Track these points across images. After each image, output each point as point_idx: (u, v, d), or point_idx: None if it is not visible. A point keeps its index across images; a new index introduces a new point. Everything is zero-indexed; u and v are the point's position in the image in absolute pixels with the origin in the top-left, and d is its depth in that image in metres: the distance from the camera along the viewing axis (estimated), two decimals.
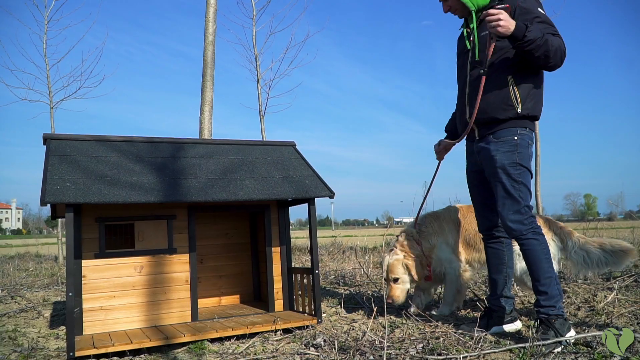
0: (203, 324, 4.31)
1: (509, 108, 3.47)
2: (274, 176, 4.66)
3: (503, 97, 3.47)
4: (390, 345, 3.50)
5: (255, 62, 13.34)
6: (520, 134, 3.50)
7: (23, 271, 11.35)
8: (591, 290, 5.34)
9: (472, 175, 3.94)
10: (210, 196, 4.13)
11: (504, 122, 3.51)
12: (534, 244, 3.48)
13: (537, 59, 3.33)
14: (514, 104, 3.46)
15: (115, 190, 3.88)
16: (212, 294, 5.59)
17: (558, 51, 3.32)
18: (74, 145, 4.36)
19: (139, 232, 4.45)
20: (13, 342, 4.31)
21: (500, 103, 3.48)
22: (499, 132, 3.53)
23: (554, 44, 3.29)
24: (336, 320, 4.68)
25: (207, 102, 8.21)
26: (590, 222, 12.32)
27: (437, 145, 4.33)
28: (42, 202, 3.54)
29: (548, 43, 3.25)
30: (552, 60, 3.33)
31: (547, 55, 3.29)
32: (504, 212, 3.53)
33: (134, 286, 4.37)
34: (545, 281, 3.46)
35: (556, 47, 3.30)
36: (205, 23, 8.42)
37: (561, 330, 3.33)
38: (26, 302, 6.66)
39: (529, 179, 3.54)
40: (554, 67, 3.40)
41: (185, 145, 4.84)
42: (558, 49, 3.31)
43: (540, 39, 3.22)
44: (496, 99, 3.48)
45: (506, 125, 3.51)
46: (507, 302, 3.90)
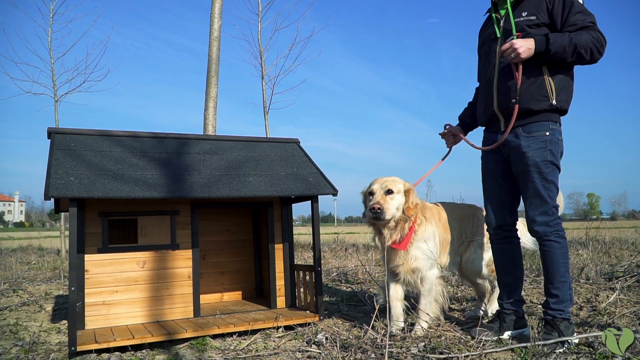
0: (205, 320, 4.32)
1: (544, 99, 3.36)
2: (278, 173, 4.66)
3: (538, 87, 3.36)
4: (391, 343, 3.50)
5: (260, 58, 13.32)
6: (551, 129, 3.40)
7: (25, 264, 11.38)
8: (593, 290, 5.33)
9: (493, 166, 3.73)
10: (214, 192, 4.13)
11: (536, 114, 3.40)
12: (555, 247, 3.41)
13: (571, 62, 3.33)
14: (548, 94, 3.36)
15: (119, 185, 3.88)
16: (214, 290, 5.60)
17: (593, 49, 3.27)
18: (79, 139, 4.36)
19: (142, 227, 4.45)
20: (14, 335, 4.32)
21: (534, 93, 3.36)
22: (529, 125, 3.41)
23: (585, 44, 3.23)
24: (338, 317, 4.68)
25: (212, 97, 8.21)
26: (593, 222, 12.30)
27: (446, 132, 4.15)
28: (45, 196, 3.55)
29: (579, 47, 3.22)
30: (586, 58, 3.29)
31: (581, 57, 3.27)
32: (531, 212, 3.44)
33: (136, 281, 4.37)
34: (559, 284, 3.42)
35: (589, 45, 3.24)
36: (210, 19, 8.42)
37: (565, 333, 3.32)
38: (28, 295, 6.67)
39: (558, 177, 3.46)
40: (592, 62, 3.35)
41: (189, 141, 4.84)
42: (592, 47, 3.26)
43: (568, 46, 3.21)
44: (530, 88, 3.37)
45: (538, 118, 3.40)
46: (520, 305, 3.76)
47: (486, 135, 3.81)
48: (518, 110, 3.39)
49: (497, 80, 3.53)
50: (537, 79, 3.37)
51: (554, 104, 3.37)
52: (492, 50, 3.61)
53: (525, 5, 3.44)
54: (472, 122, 4.08)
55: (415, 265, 3.94)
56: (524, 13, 3.41)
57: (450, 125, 4.17)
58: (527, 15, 3.39)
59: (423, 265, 3.93)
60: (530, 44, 3.25)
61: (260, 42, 13.40)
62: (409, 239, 3.89)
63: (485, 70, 3.69)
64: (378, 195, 3.84)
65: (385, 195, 3.83)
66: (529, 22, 3.38)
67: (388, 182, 3.88)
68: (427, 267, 3.95)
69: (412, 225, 3.90)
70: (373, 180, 3.97)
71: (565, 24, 3.32)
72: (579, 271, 6.34)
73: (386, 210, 3.77)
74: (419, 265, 3.93)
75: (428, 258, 3.95)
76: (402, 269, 3.97)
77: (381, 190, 3.85)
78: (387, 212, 3.77)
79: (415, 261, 3.94)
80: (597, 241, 10.57)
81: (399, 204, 3.85)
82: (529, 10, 3.40)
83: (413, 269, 3.95)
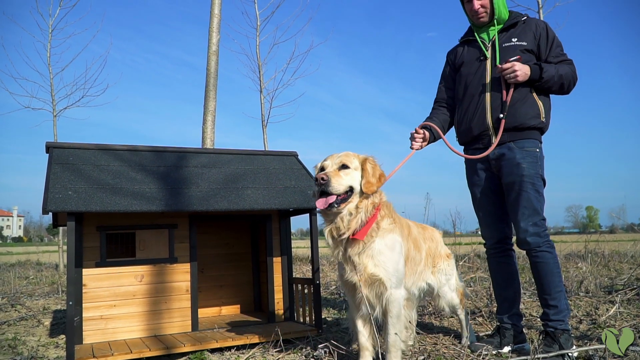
0: (203, 334, 4.30)
1: (536, 116, 3.54)
2: (276, 186, 4.66)
3: (530, 105, 3.54)
4: None
5: (259, 72, 13.41)
6: (539, 147, 3.58)
7: (24, 279, 11.34)
8: (593, 304, 5.32)
9: (484, 182, 3.76)
10: (212, 206, 4.13)
11: (529, 130, 3.54)
12: (548, 257, 3.46)
13: (552, 91, 3.63)
14: (540, 113, 3.55)
15: (117, 199, 3.88)
16: (212, 303, 5.58)
17: (571, 82, 3.59)
18: (77, 153, 4.37)
19: (140, 241, 4.45)
20: (13, 350, 4.30)
21: (528, 110, 3.53)
22: (522, 141, 3.54)
23: (568, 77, 3.55)
24: (337, 331, 4.66)
25: (210, 111, 8.24)
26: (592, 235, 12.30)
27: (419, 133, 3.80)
28: (44, 211, 3.55)
29: (562, 78, 3.53)
30: (565, 89, 3.60)
31: (562, 87, 3.57)
32: (523, 222, 3.48)
33: (134, 295, 4.36)
34: (556, 295, 3.45)
35: (570, 79, 3.57)
36: (209, 33, 8.47)
37: (565, 346, 3.33)
38: (26, 310, 6.64)
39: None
40: (567, 93, 3.64)
41: (187, 155, 4.85)
42: (571, 80, 3.59)
43: (555, 76, 3.50)
44: (524, 106, 3.53)
45: (529, 135, 3.55)
46: (519, 319, 3.77)
47: (472, 153, 3.79)
48: (511, 125, 3.53)
49: (491, 96, 3.62)
50: (528, 98, 3.56)
51: (543, 122, 3.56)
52: (482, 68, 3.70)
53: (514, 32, 3.66)
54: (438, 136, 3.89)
55: (375, 272, 3.15)
56: (514, 39, 3.63)
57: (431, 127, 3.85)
58: (518, 41, 3.62)
59: (387, 277, 3.16)
60: (527, 70, 3.47)
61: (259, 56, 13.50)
62: (368, 227, 3.15)
63: (473, 88, 3.74)
64: (329, 169, 3.18)
65: (339, 170, 3.16)
66: (521, 47, 3.60)
67: (342, 156, 3.23)
68: (393, 282, 3.18)
69: (375, 213, 3.19)
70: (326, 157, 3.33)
71: (549, 54, 3.60)
72: (579, 284, 6.33)
73: (334, 183, 3.05)
74: (381, 274, 3.15)
75: (395, 271, 3.20)
76: (357, 277, 3.18)
77: (334, 165, 3.19)
78: (337, 185, 3.06)
79: (375, 266, 3.16)
80: (596, 254, 10.57)
81: (355, 182, 3.16)
82: (518, 37, 3.64)
83: (372, 276, 3.15)
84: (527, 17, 3.71)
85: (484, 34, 3.77)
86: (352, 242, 3.16)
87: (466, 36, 3.92)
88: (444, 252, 3.98)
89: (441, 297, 3.92)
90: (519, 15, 3.72)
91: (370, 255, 3.16)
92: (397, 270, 3.21)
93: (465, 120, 3.77)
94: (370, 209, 3.16)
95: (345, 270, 3.24)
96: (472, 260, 9.58)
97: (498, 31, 3.69)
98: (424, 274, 3.72)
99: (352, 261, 3.18)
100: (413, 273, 3.52)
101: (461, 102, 3.83)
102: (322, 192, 3.09)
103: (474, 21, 3.76)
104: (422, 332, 4.23)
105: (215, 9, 8.51)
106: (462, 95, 3.82)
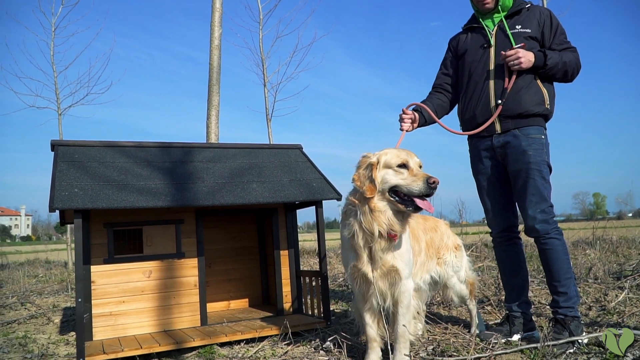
0: (212, 328, 4.31)
1: (541, 103, 3.52)
2: (282, 179, 4.66)
3: (535, 92, 3.52)
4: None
5: (262, 66, 13.36)
6: (544, 134, 3.57)
7: (33, 277, 11.41)
8: (602, 290, 5.30)
9: (489, 171, 3.73)
10: (218, 200, 4.13)
11: (533, 117, 3.52)
12: (557, 244, 3.46)
13: (556, 78, 3.61)
14: (544, 100, 3.53)
15: (124, 195, 3.89)
16: (221, 298, 5.60)
17: (575, 69, 3.56)
18: (82, 151, 4.38)
19: (147, 237, 4.46)
20: (23, 348, 4.33)
21: (533, 96, 3.51)
22: (526, 128, 3.52)
23: (571, 64, 3.53)
24: (345, 323, 4.66)
25: (214, 106, 8.22)
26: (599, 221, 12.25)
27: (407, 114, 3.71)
28: (50, 209, 3.56)
29: (566, 65, 3.50)
30: (569, 77, 3.58)
31: (566, 74, 3.55)
32: (531, 210, 3.47)
33: (143, 291, 4.37)
34: (565, 282, 3.45)
35: (573, 66, 3.54)
36: (211, 27, 8.44)
37: (575, 333, 3.33)
38: (36, 308, 6.68)
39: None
40: (570, 81, 3.63)
41: (193, 150, 4.85)
42: (575, 67, 3.56)
43: (559, 63, 3.48)
44: (528, 92, 3.52)
45: (534, 122, 3.53)
46: (527, 307, 3.77)
47: (476, 141, 3.77)
48: (515, 112, 3.52)
49: (494, 84, 3.60)
50: (532, 85, 3.54)
51: (548, 109, 3.54)
52: (486, 55, 3.68)
53: (519, 19, 3.64)
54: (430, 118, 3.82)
55: (394, 264, 3.15)
56: (518, 26, 3.61)
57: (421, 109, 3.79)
58: (522, 28, 3.60)
59: (402, 267, 3.16)
60: (531, 57, 3.44)
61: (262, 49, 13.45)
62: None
63: (477, 75, 3.71)
64: (414, 167, 3.02)
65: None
66: (525, 34, 3.58)
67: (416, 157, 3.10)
68: (406, 273, 3.19)
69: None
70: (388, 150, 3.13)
71: (553, 41, 3.59)
72: (587, 271, 6.31)
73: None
74: (398, 265, 3.15)
75: (409, 260, 3.25)
76: (372, 269, 3.17)
77: (416, 165, 3.05)
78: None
79: (394, 258, 3.15)
80: (604, 241, 10.52)
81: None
82: (522, 24, 3.61)
83: (391, 268, 3.15)
84: (530, 4, 3.69)
85: (488, 20, 3.74)
86: (387, 239, 3.08)
87: (470, 23, 3.88)
88: (452, 243, 3.92)
89: (449, 288, 3.91)
90: (523, 2, 3.70)
91: (391, 248, 3.13)
92: (409, 260, 3.24)
93: (469, 108, 3.75)
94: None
95: (359, 262, 3.17)
96: (480, 250, 9.56)
97: (505, 17, 3.66)
98: (426, 265, 3.69)
99: (375, 256, 3.12)
100: (414, 264, 3.47)
101: (465, 90, 3.80)
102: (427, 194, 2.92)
103: (479, 7, 3.72)
104: (431, 322, 4.22)
105: (217, 2, 8.46)
106: (466, 83, 3.79)
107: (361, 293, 3.30)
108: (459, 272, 3.91)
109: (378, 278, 3.17)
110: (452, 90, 3.96)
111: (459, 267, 3.91)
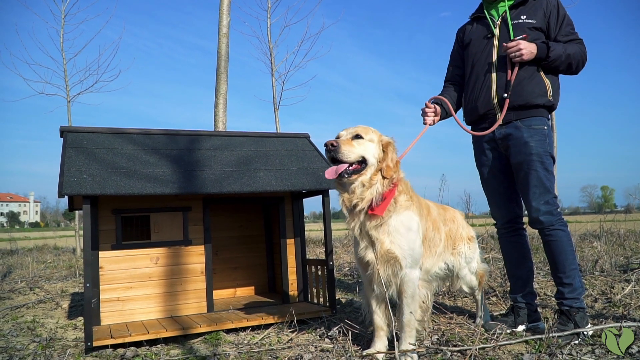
0: (219, 315, 4.35)
1: (543, 94, 3.48)
2: (288, 168, 4.67)
3: (536, 84, 3.49)
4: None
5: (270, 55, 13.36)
6: (547, 125, 3.54)
7: (41, 263, 11.51)
8: (608, 282, 5.29)
9: (492, 162, 3.74)
10: (225, 188, 4.15)
11: (535, 108, 3.50)
12: (561, 235, 3.45)
13: (560, 70, 3.55)
14: (547, 91, 3.49)
15: (132, 182, 3.91)
16: (227, 285, 5.64)
17: (580, 62, 3.51)
18: (91, 137, 4.40)
19: (154, 223, 4.49)
20: (32, 332, 4.38)
21: (535, 88, 3.48)
22: (529, 119, 3.50)
23: (576, 57, 3.47)
24: (350, 311, 4.69)
25: (222, 94, 8.23)
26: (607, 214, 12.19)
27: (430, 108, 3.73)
28: (59, 194, 3.59)
29: (570, 57, 3.45)
30: (573, 69, 3.53)
31: (570, 67, 3.50)
32: (535, 201, 3.46)
33: (150, 277, 4.41)
34: (570, 273, 3.44)
35: (578, 58, 3.49)
36: (219, 15, 8.42)
37: (580, 324, 3.33)
38: (45, 293, 6.75)
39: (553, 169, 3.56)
40: (575, 73, 3.58)
41: (200, 138, 4.86)
42: (580, 60, 3.50)
43: (563, 55, 3.43)
44: (530, 84, 3.48)
45: (536, 113, 3.50)
46: (532, 298, 3.78)
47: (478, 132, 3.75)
48: (517, 104, 3.49)
49: (497, 75, 3.58)
50: (535, 77, 3.50)
51: (550, 100, 3.50)
52: (489, 46, 3.65)
53: (524, 10, 3.58)
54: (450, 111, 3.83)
55: (391, 249, 3.07)
56: (523, 16, 3.56)
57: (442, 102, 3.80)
58: (527, 19, 3.54)
59: (402, 255, 3.08)
60: (533, 49, 3.40)
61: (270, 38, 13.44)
62: (387, 202, 3.05)
63: (479, 67, 3.69)
64: (342, 138, 3.08)
65: (352, 139, 3.05)
66: (529, 24, 3.52)
67: (358, 128, 3.12)
68: (408, 262, 3.11)
69: (393, 189, 3.10)
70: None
71: (559, 33, 3.53)
72: (594, 263, 6.29)
73: (344, 150, 2.96)
74: (397, 251, 3.07)
75: (411, 249, 3.12)
76: (373, 253, 3.12)
77: (348, 135, 3.09)
78: (347, 152, 2.96)
79: (392, 242, 3.08)
80: (612, 234, 10.48)
81: (369, 153, 3.04)
82: (527, 14, 3.56)
83: (387, 252, 3.08)
84: None
85: (493, 10, 3.70)
86: (371, 217, 3.06)
87: (476, 13, 3.86)
88: (466, 234, 3.89)
89: (460, 279, 3.87)
90: None
91: (386, 232, 3.07)
92: (412, 249, 3.12)
93: (471, 99, 3.74)
94: (386, 182, 3.05)
95: (359, 246, 3.18)
96: (486, 241, 9.55)
97: (508, 7, 3.62)
98: (443, 255, 3.64)
99: (370, 235, 3.09)
100: (432, 255, 3.44)
101: (468, 80, 3.79)
102: (334, 161, 2.99)
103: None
104: (436, 311, 4.23)
105: None
106: (469, 74, 3.78)
107: (367, 280, 3.29)
108: (471, 263, 3.89)
109: (379, 263, 3.12)
110: (462, 82, 3.93)
111: (471, 258, 3.88)
